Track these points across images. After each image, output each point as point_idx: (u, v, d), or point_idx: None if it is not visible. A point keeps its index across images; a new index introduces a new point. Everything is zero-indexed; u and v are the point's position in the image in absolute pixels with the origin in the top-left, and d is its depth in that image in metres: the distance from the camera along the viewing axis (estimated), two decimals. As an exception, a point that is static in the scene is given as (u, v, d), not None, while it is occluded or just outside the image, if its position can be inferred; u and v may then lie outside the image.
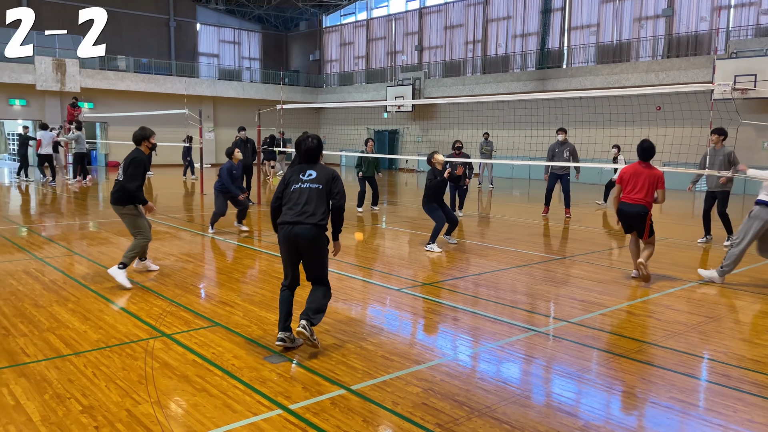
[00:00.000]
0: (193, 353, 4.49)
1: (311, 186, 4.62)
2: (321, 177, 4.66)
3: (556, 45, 25.25)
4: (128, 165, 6.42)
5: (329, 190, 4.65)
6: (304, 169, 4.72)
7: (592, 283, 6.95)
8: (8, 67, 25.27)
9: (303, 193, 4.61)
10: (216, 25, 35.77)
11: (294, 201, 4.60)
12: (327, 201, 4.65)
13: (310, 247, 4.57)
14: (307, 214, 4.54)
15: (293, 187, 4.66)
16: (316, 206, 4.57)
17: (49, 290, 6.22)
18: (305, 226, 4.53)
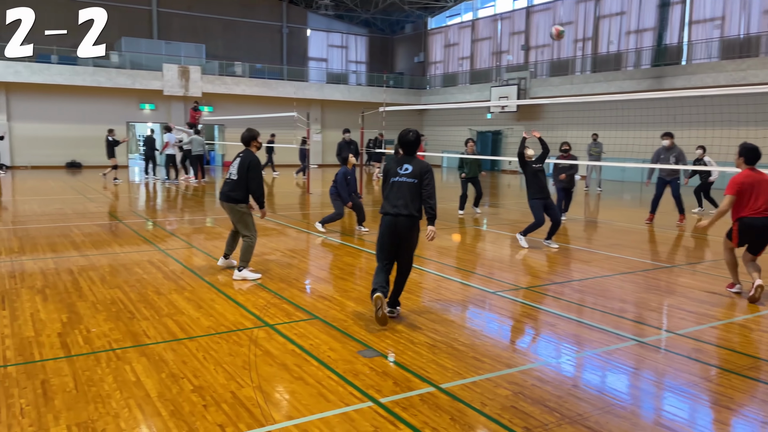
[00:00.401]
0: (293, 343, 4.75)
1: (407, 180, 5.18)
2: (415, 171, 5.19)
3: (674, 40, 23.78)
4: (248, 168, 6.74)
5: (421, 183, 5.16)
6: (402, 163, 5.28)
7: (702, 294, 6.54)
8: (140, 75, 27.59)
9: (401, 187, 5.19)
10: (325, 30, 37.01)
11: (393, 193, 5.22)
12: (420, 193, 5.17)
13: (408, 234, 5.20)
14: (402, 206, 5.14)
15: (392, 180, 5.27)
16: (411, 199, 5.14)
17: (169, 279, 6.79)
18: (402, 218, 5.14)
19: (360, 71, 37.34)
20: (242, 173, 6.78)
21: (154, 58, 28.61)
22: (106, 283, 6.53)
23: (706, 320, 5.58)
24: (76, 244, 8.87)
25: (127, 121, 28.66)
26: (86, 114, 27.18)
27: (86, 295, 6.03)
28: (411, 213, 5.13)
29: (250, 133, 7.06)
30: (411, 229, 5.17)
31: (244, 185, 6.76)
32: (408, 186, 5.15)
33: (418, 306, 5.87)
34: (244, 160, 6.83)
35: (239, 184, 6.79)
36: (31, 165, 25.64)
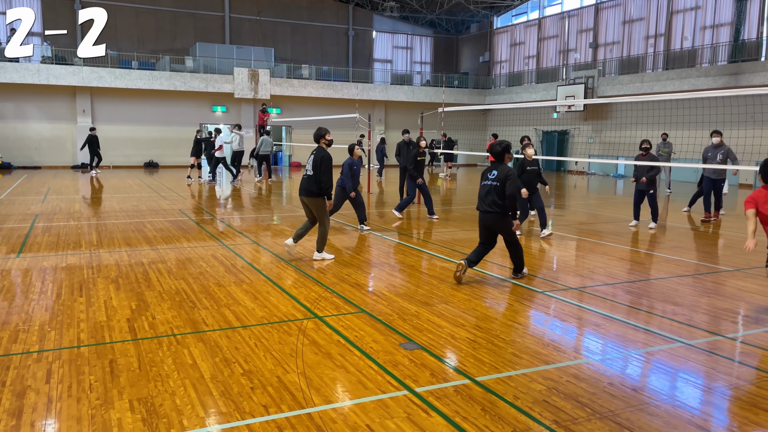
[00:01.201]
0: (339, 334, 4.99)
1: (492, 183, 6.64)
2: (500, 176, 6.60)
3: (752, 36, 22.59)
4: (320, 162, 7.46)
5: (504, 186, 6.54)
6: (491, 169, 6.72)
7: (762, 298, 6.32)
8: (213, 78, 28.83)
9: (488, 189, 6.66)
10: (390, 32, 37.38)
11: (482, 195, 6.73)
12: (503, 193, 6.53)
13: (495, 225, 6.71)
14: (489, 204, 6.64)
15: (482, 183, 6.75)
16: (495, 198, 6.58)
17: (229, 272, 7.20)
18: (489, 214, 6.67)
19: (425, 72, 37.48)
20: (316, 168, 7.48)
21: (226, 62, 29.82)
22: (173, 275, 7.01)
23: (759, 325, 5.42)
24: (149, 238, 9.50)
25: (200, 123, 29.99)
26: (162, 116, 28.67)
27: (154, 285, 6.51)
28: (495, 210, 6.58)
29: (320, 131, 7.79)
30: (496, 221, 6.64)
31: (318, 179, 7.48)
32: (492, 188, 6.60)
33: (462, 302, 5.99)
34: (316, 156, 7.56)
35: (314, 178, 7.51)
36: (113, 165, 27.27)
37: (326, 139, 7.77)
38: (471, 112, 31.74)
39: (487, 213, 6.68)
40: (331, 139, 7.88)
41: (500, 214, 6.61)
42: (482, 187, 6.75)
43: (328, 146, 7.78)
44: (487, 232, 6.81)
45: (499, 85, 35.41)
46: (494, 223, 6.68)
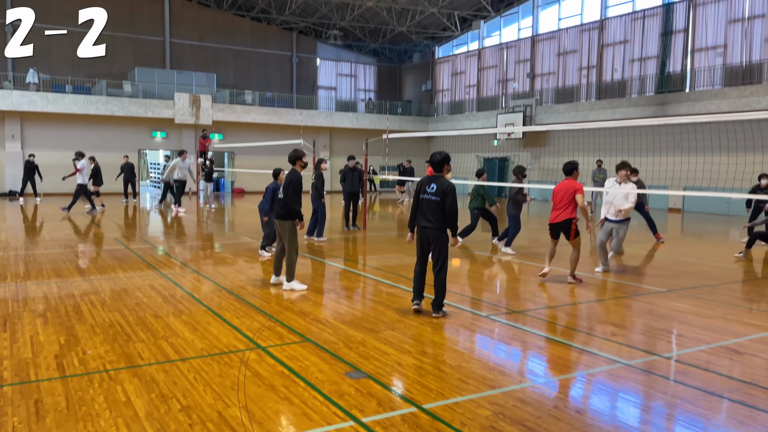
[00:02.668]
0: (282, 365, 4.85)
1: (431, 198, 6.28)
2: (439, 191, 6.26)
3: (677, 68, 23.98)
4: (288, 185, 7.40)
5: (444, 201, 6.22)
6: (430, 182, 6.36)
7: (696, 318, 6.57)
8: (152, 104, 28.17)
9: (428, 204, 6.31)
10: (334, 60, 37.66)
11: (423, 209, 6.37)
12: (443, 208, 6.22)
13: (434, 240, 6.31)
14: (430, 220, 6.27)
15: (421, 197, 6.38)
16: (436, 214, 6.24)
17: (168, 303, 6.93)
18: (429, 229, 6.30)
19: (369, 99, 37.86)
20: (285, 191, 7.44)
21: (167, 87, 29.25)
22: (107, 307, 6.68)
23: (694, 343, 5.62)
24: (81, 269, 9.06)
25: (138, 149, 29.18)
26: (98, 142, 27.71)
27: (86, 318, 6.18)
28: (437, 226, 6.26)
29: (296, 153, 7.70)
30: (437, 236, 6.29)
31: (287, 202, 7.43)
32: (433, 203, 6.26)
33: (410, 330, 5.95)
34: (287, 178, 7.54)
35: (284, 201, 7.47)
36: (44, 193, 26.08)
37: (302, 161, 7.69)
38: (415, 139, 32.18)
39: (425, 228, 6.34)
40: (307, 162, 7.87)
41: (440, 229, 6.30)
42: (421, 201, 6.40)
43: (303, 168, 7.71)
44: (426, 250, 6.50)
45: (441, 113, 36.12)
46: (434, 238, 6.31)
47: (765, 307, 7.16)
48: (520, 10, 31.59)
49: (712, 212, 21.46)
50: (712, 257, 11.47)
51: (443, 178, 6.39)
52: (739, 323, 6.41)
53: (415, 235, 6.59)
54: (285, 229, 7.57)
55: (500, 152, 31.06)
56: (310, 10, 33.90)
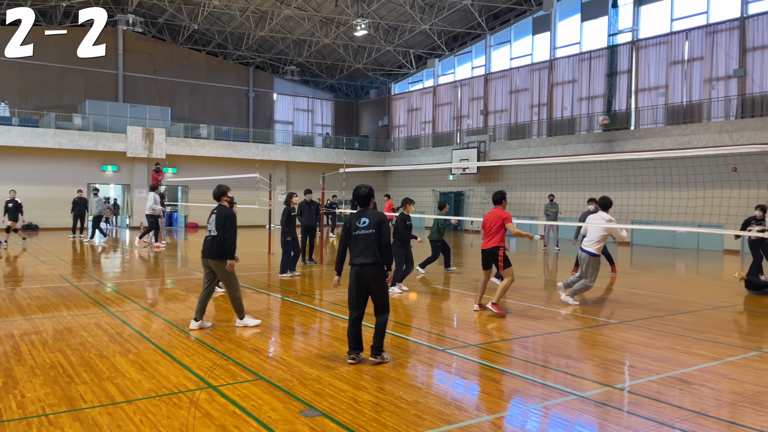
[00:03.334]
0: (234, 404, 4.70)
1: (366, 232, 5.86)
2: (372, 222, 5.87)
3: (623, 107, 25.03)
4: (224, 220, 7.10)
5: (379, 233, 5.84)
6: (360, 216, 5.94)
7: (646, 348, 6.71)
8: (103, 137, 27.60)
9: (364, 239, 5.84)
10: (291, 95, 37.85)
11: (357, 245, 5.87)
12: (379, 241, 5.83)
13: (375, 280, 5.81)
14: (368, 255, 5.79)
15: (353, 234, 5.90)
16: (374, 249, 5.80)
17: (114, 342, 6.66)
18: (369, 266, 5.78)
19: (326, 134, 38.06)
20: (220, 228, 7.08)
21: (119, 120, 28.76)
22: (48, 347, 6.38)
23: (645, 374, 5.72)
24: (22, 307, 8.65)
25: (88, 183, 28.40)
26: (46, 176, 26.91)
27: (25, 360, 5.88)
28: (375, 261, 5.78)
29: (220, 189, 7.44)
30: (377, 274, 5.80)
31: (222, 239, 7.09)
32: (369, 237, 5.82)
33: (366, 365, 5.87)
34: (219, 214, 7.17)
35: (219, 239, 7.11)
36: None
37: (227, 196, 7.45)
38: (372, 174, 32.36)
39: (364, 266, 5.79)
40: (233, 197, 7.63)
41: (380, 266, 5.81)
42: (354, 238, 5.87)
43: (231, 205, 7.49)
44: (365, 291, 5.89)
45: (398, 148, 36.57)
46: (374, 276, 5.80)
47: (710, 337, 7.37)
48: (474, 50, 32.58)
49: (659, 245, 22.19)
50: (659, 288, 11.80)
51: (372, 209, 6.02)
52: (686, 353, 6.58)
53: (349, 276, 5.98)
54: (219, 269, 7.17)
55: (456, 187, 31.55)
56: (267, 45, 34.14)
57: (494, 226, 8.53)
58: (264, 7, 28.91)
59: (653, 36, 24.23)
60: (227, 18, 30.61)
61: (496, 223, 8.52)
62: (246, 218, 29.58)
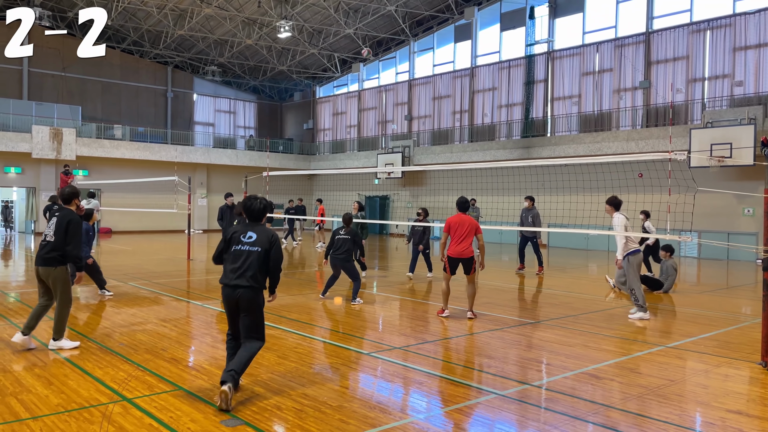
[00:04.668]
0: (151, 417, 4.51)
1: (251, 249, 4.99)
2: (261, 240, 5.02)
3: (539, 114, 26.09)
4: (67, 225, 6.22)
5: (268, 253, 5.00)
6: (246, 230, 5.08)
7: (561, 346, 7.01)
8: (5, 136, 25.85)
9: (242, 255, 4.97)
10: (212, 96, 36.89)
11: (234, 262, 4.99)
12: (266, 263, 5.00)
13: (250, 305, 4.94)
14: (246, 277, 4.92)
15: (234, 248, 5.04)
16: (255, 269, 4.95)
17: (19, 355, 6.24)
18: (245, 289, 4.91)
19: (248, 136, 37.34)
20: (60, 233, 6.25)
21: (23, 119, 27.00)
22: (-58, 363, 5.88)
23: (560, 371, 5.97)
24: None
25: (-12, 185, 26.55)
26: (-60, 177, 24.90)
27: None
28: (252, 285, 4.91)
29: (72, 190, 6.63)
30: (253, 299, 4.93)
31: (62, 246, 6.24)
32: (252, 255, 4.96)
33: (289, 370, 5.79)
34: (62, 219, 6.29)
35: (57, 244, 6.25)
36: None
37: (78, 200, 6.66)
38: (297, 177, 32.10)
39: (239, 288, 4.90)
40: (82, 205, 6.87)
41: (258, 290, 4.96)
42: (234, 253, 5.00)
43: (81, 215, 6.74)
44: (238, 315, 5.03)
45: (323, 152, 36.41)
46: (249, 301, 4.92)
47: (619, 334, 7.79)
48: (398, 56, 32.97)
49: (573, 247, 23.24)
50: (574, 289, 12.36)
51: (265, 227, 5.21)
52: (597, 350, 6.92)
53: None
54: (54, 278, 6.29)
55: (381, 191, 31.77)
56: (186, 45, 33.12)
57: (466, 232, 8.37)
58: (183, 5, 28.04)
59: (567, 47, 25.41)
60: (143, 14, 29.45)
61: (468, 230, 8.38)
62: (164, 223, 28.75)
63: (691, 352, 6.94)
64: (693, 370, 6.26)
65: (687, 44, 22.11)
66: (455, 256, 8.46)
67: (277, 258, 5.04)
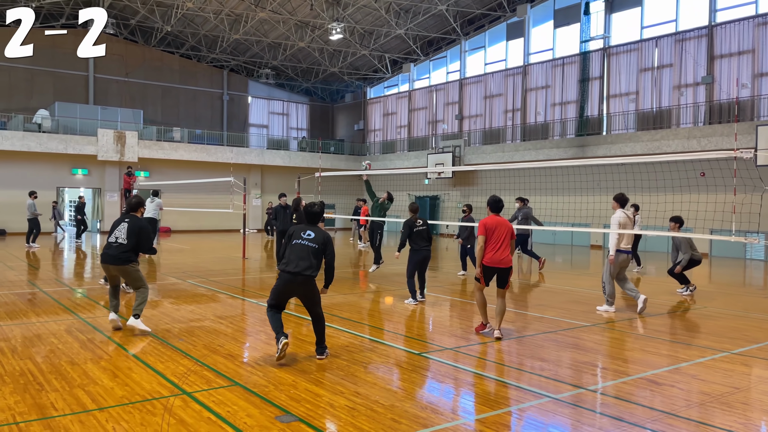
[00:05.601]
0: (209, 411, 4.65)
1: (309, 244, 6.00)
2: (317, 238, 6.05)
3: (595, 113, 25.46)
4: (138, 232, 7.23)
5: (323, 250, 6.04)
6: (305, 229, 6.11)
7: (617, 350, 6.83)
8: (73, 140, 27.12)
9: (302, 249, 5.98)
10: (266, 98, 37.66)
11: (295, 253, 5.96)
12: (320, 257, 6.04)
13: (306, 291, 6.02)
14: (304, 266, 5.91)
15: (294, 242, 6.03)
16: (312, 260, 5.95)
17: (86, 348, 6.55)
18: (303, 276, 5.91)
19: (301, 137, 37.94)
20: (132, 237, 7.20)
21: (89, 123, 28.28)
22: (17, 355, 6.24)
23: (617, 376, 5.82)
24: (-11, 313, 8.44)
25: (57, 186, 27.89)
26: (13, 179, 26.32)
27: (-7, 367, 5.74)
28: (311, 273, 5.93)
29: (138, 200, 7.64)
30: (311, 287, 6.00)
31: (134, 248, 7.25)
32: (309, 249, 5.97)
33: (341, 369, 5.87)
34: (133, 226, 7.28)
35: (130, 247, 7.20)
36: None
37: (143, 209, 7.70)
38: (347, 178, 32.34)
39: (299, 275, 5.90)
40: (144, 211, 7.80)
41: (313, 278, 5.97)
42: (293, 246, 5.98)
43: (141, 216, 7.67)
44: (287, 298, 6.13)
45: (373, 152, 36.61)
46: (306, 286, 5.97)
47: (680, 339, 7.54)
48: (449, 55, 32.82)
49: (630, 248, 22.55)
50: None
51: (320, 228, 6.18)
52: (656, 355, 6.71)
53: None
54: (127, 273, 7.31)
55: (431, 191, 31.70)
56: (241, 48, 33.91)
57: (503, 237, 7.31)
58: (238, 9, 28.73)
59: (624, 43, 24.71)
60: (201, 20, 30.34)
61: (506, 235, 7.32)
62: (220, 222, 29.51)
63: (757, 359, 6.64)
64: (760, 378, 5.99)
65: (752, 37, 21.14)
66: (492, 266, 7.36)
67: (330, 257, 6.07)
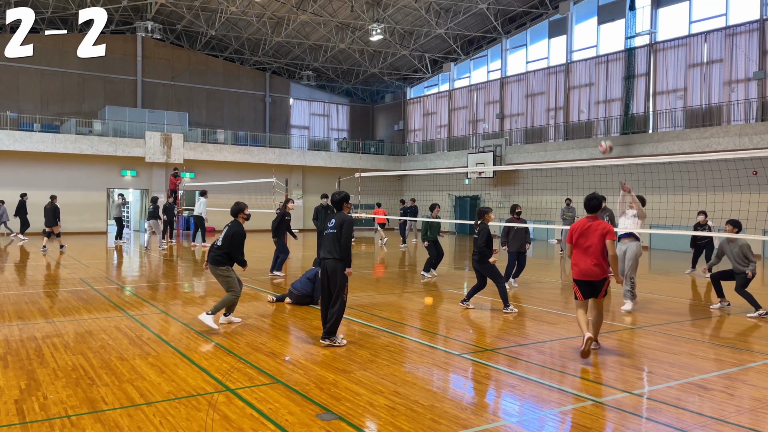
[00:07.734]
0: (252, 407, 4.75)
1: (331, 231, 6.78)
2: (337, 222, 6.74)
3: (640, 110, 24.82)
4: (231, 236, 7.57)
5: (340, 233, 6.68)
6: (330, 218, 6.87)
7: (664, 354, 6.66)
8: (122, 142, 27.98)
9: (327, 237, 6.79)
10: (307, 100, 38.07)
11: (324, 243, 6.83)
12: (339, 239, 6.68)
13: (332, 271, 6.71)
14: (327, 251, 6.73)
15: (325, 233, 6.83)
16: (333, 244, 6.71)
17: (134, 345, 6.76)
18: (328, 260, 6.72)
19: (342, 138, 38.21)
20: (226, 241, 7.58)
21: (137, 126, 29.12)
22: (70, 350, 6.49)
23: (663, 380, 5.68)
24: (44, 311, 8.81)
25: (107, 188, 28.83)
26: (66, 181, 27.32)
27: (48, 362, 5.99)
28: (334, 257, 6.68)
29: (238, 206, 7.89)
30: (334, 267, 6.68)
31: (227, 251, 7.58)
32: (332, 236, 6.74)
33: (381, 368, 5.90)
34: (229, 230, 7.67)
35: (222, 250, 7.58)
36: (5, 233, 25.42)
37: (245, 213, 7.87)
38: (387, 178, 32.46)
39: (325, 260, 6.74)
40: (249, 214, 7.98)
41: (337, 260, 6.66)
42: (324, 236, 6.84)
43: (246, 221, 7.89)
44: (328, 283, 6.81)
45: (413, 153, 36.58)
46: (331, 272, 6.70)
47: (729, 343, 7.30)
48: (489, 54, 32.51)
49: (678, 249, 21.93)
50: (679, 294, 11.68)
51: (342, 212, 6.88)
52: (705, 359, 6.51)
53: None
54: (218, 274, 7.64)
55: (471, 191, 31.48)
56: (283, 51, 34.38)
57: (592, 243, 6.39)
58: (280, 12, 29.14)
59: (671, 38, 24.01)
60: (244, 24, 30.90)
61: (597, 239, 6.38)
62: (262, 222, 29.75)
63: (813, 365, 6.36)
64: (816, 385, 5.75)
65: (810, 29, 20.24)
66: (580, 279, 6.48)
67: (346, 238, 6.66)
